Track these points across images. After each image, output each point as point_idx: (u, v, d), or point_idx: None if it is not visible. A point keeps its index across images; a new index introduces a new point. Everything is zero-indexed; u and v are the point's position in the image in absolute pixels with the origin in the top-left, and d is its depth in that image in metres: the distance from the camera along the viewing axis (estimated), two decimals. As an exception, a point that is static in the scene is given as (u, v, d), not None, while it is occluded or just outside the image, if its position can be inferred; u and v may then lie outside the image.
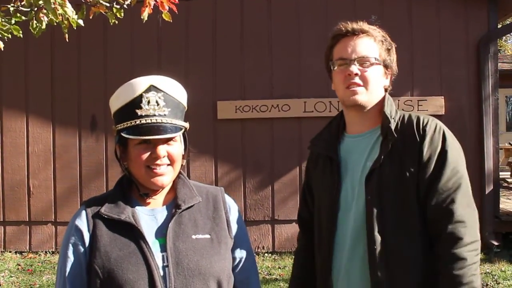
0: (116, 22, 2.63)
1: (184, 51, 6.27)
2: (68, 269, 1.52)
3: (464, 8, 6.25)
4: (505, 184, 7.94)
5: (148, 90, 1.53)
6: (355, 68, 1.72)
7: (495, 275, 5.35)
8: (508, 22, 8.22)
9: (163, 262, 1.51)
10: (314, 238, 1.89)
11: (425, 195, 1.64)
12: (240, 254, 1.67)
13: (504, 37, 20.98)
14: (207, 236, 1.57)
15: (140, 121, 1.51)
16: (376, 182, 1.66)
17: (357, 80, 1.73)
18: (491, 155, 6.18)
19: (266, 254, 6.20)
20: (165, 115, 1.54)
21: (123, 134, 1.53)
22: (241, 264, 1.66)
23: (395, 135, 1.67)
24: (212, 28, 6.28)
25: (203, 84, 6.23)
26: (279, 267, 5.77)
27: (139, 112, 1.52)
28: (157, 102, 1.54)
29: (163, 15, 2.43)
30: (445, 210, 1.60)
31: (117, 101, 1.57)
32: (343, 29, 1.76)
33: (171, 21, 2.54)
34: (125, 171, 1.60)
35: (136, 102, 1.52)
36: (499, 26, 6.90)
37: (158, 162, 1.54)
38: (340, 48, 1.77)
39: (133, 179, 1.59)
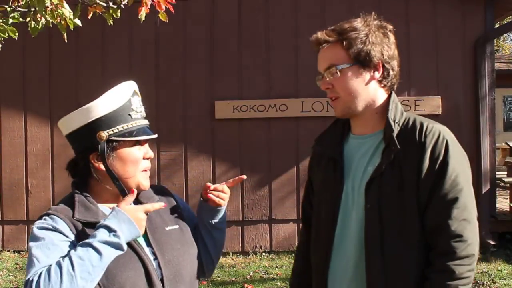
0: (112, 23, 2.63)
1: (181, 51, 6.27)
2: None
3: (461, 8, 6.27)
4: (502, 184, 7.94)
5: (133, 94, 1.61)
6: (324, 83, 1.70)
7: (491, 274, 5.37)
8: (505, 22, 8.23)
9: (152, 255, 1.56)
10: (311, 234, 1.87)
11: (425, 207, 1.59)
12: (194, 225, 1.78)
13: (502, 37, 21.04)
14: (177, 226, 1.68)
15: (136, 123, 1.59)
16: (376, 191, 1.62)
17: (330, 93, 1.72)
18: (488, 155, 6.20)
19: (263, 254, 6.21)
20: (145, 117, 1.65)
21: (121, 138, 1.54)
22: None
23: (398, 146, 1.61)
24: (209, 28, 6.29)
25: (200, 84, 6.23)
26: (277, 267, 5.78)
27: (133, 115, 1.59)
28: (140, 105, 1.64)
29: (159, 15, 2.44)
30: (441, 224, 1.56)
31: (106, 106, 1.54)
32: (312, 43, 1.73)
33: (167, 21, 2.55)
34: (115, 180, 1.56)
35: (127, 106, 1.58)
36: (496, 25, 6.92)
37: (148, 163, 1.64)
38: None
39: (118, 186, 1.57)
